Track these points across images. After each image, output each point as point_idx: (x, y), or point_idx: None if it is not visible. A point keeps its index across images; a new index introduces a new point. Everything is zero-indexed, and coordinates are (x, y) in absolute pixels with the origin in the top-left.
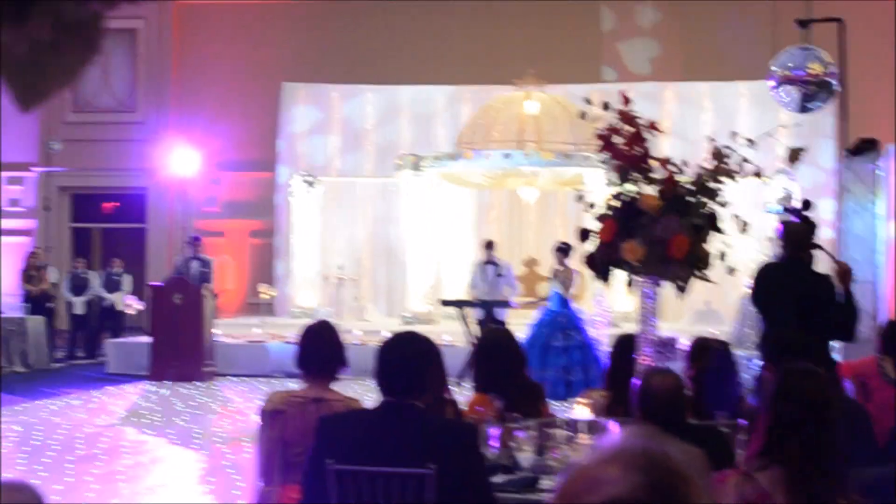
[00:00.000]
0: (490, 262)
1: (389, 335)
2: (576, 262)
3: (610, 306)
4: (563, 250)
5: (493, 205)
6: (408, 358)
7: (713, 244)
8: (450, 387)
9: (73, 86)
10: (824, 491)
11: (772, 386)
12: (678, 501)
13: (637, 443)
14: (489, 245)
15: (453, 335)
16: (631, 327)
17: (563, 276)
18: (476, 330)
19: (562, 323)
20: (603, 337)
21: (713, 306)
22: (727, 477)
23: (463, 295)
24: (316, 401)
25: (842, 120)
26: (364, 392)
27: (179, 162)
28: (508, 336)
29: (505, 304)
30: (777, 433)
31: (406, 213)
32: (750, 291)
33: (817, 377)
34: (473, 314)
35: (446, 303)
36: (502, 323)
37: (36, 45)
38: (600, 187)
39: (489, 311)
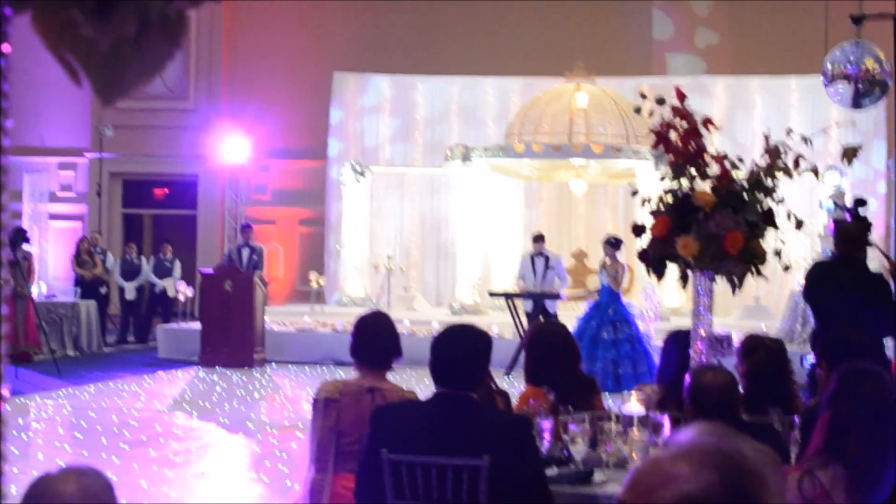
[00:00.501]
0: (539, 254)
1: (440, 326)
2: (626, 256)
3: (659, 300)
4: (613, 244)
5: (542, 197)
6: (463, 350)
7: (767, 241)
8: (496, 379)
9: (151, 80)
10: (884, 490)
11: (833, 383)
12: (751, 500)
13: (711, 440)
14: (539, 238)
15: (501, 327)
16: (680, 322)
17: (612, 270)
18: (525, 322)
19: (611, 316)
20: (652, 331)
21: (762, 302)
22: (787, 473)
23: (510, 287)
24: (370, 390)
25: (894, 117)
26: (412, 381)
27: (230, 149)
28: (563, 329)
29: (555, 296)
30: (838, 431)
31: (455, 204)
32: (801, 288)
33: (880, 375)
34: (522, 306)
35: (494, 294)
36: (554, 315)
37: (120, 41)
38: (651, 181)
39: (538, 303)
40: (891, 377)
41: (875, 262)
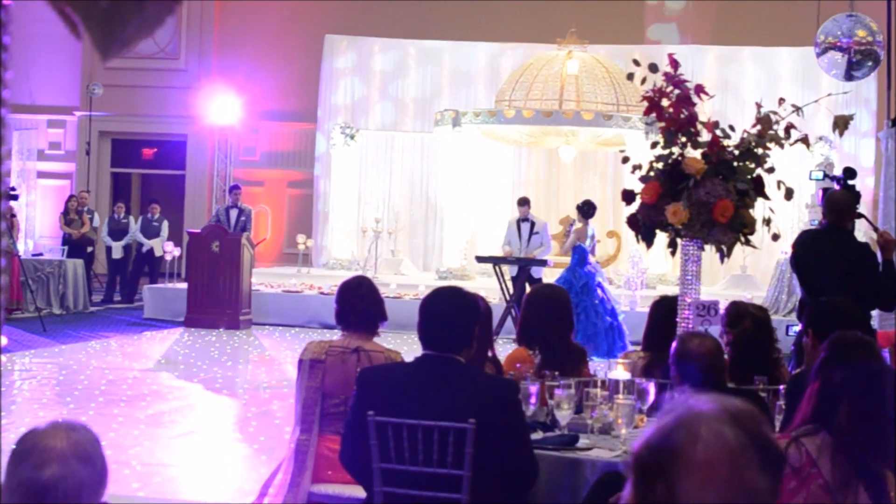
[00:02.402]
0: (525, 220)
1: (426, 290)
2: (615, 223)
3: (646, 268)
4: (581, 209)
5: (532, 163)
6: (451, 313)
7: (757, 209)
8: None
9: (150, 36)
10: (870, 459)
11: (823, 352)
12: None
13: (722, 402)
14: (523, 202)
15: (488, 292)
16: (667, 289)
17: (579, 234)
18: (510, 287)
19: (575, 285)
20: (638, 298)
21: (749, 271)
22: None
23: (498, 252)
24: (356, 351)
25: (886, 89)
26: (399, 345)
27: (220, 110)
28: (564, 295)
29: (541, 262)
30: (826, 399)
31: (444, 169)
32: (788, 257)
33: (869, 345)
34: (508, 271)
35: (481, 259)
36: (538, 280)
37: None
38: (640, 148)
39: (524, 268)
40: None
41: (862, 233)
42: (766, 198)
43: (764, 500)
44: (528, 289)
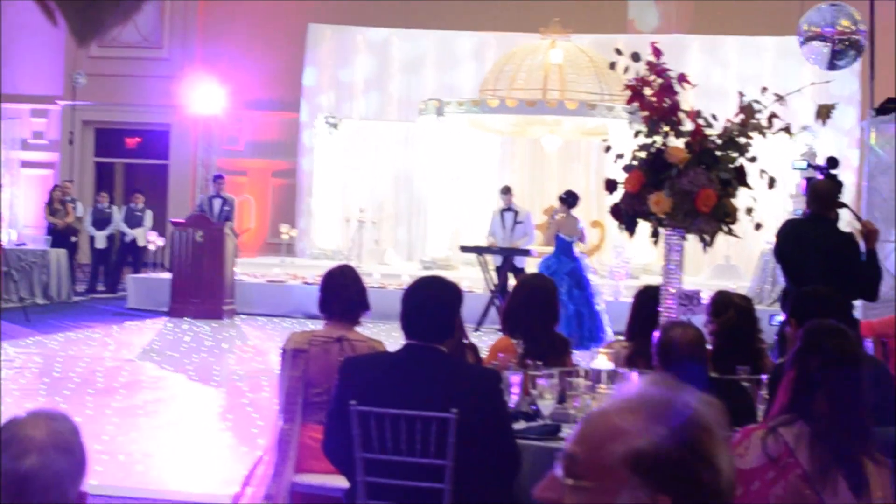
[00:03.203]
0: (508, 209)
1: (410, 279)
2: (598, 212)
3: (629, 257)
4: (564, 200)
5: (516, 153)
6: (434, 302)
7: (740, 199)
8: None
9: (128, 23)
10: (848, 448)
11: (799, 341)
12: (701, 454)
13: (660, 392)
14: (507, 190)
15: (472, 282)
16: (650, 279)
17: (559, 225)
18: (494, 277)
19: (559, 271)
20: (622, 287)
21: (733, 261)
22: (751, 431)
23: (482, 242)
24: (339, 341)
25: (869, 79)
26: (382, 335)
27: (203, 100)
28: (551, 286)
29: (525, 252)
30: (803, 389)
31: (428, 159)
32: (771, 247)
33: (845, 334)
34: (492, 261)
35: (465, 249)
36: (521, 270)
37: None
38: (624, 138)
39: (508, 258)
40: (857, 336)
41: (846, 223)
42: (749, 187)
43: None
44: (511, 278)
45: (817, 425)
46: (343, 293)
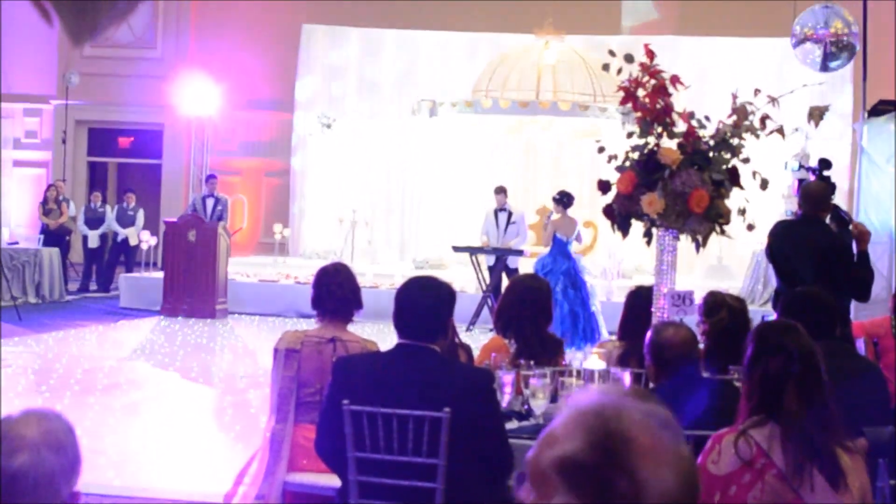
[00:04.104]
0: (502, 209)
1: (403, 279)
2: (591, 213)
3: (622, 258)
4: (559, 200)
5: (509, 153)
6: (427, 302)
7: (732, 200)
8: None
9: (122, 23)
10: (821, 441)
11: (751, 344)
12: (616, 462)
13: (597, 399)
14: (501, 190)
15: (464, 281)
16: (642, 279)
17: (556, 226)
18: (487, 277)
19: (565, 275)
20: (614, 288)
21: (725, 262)
22: (721, 437)
23: (475, 242)
24: (332, 341)
25: (861, 80)
26: (375, 334)
27: (196, 100)
28: (545, 286)
29: (517, 252)
30: (771, 389)
31: (421, 159)
32: (764, 248)
33: (798, 329)
34: (485, 261)
35: (458, 249)
36: (515, 270)
37: None
38: (617, 139)
39: (501, 258)
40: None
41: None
42: (741, 188)
43: (693, 464)
44: (504, 278)
45: (789, 423)
46: (336, 291)
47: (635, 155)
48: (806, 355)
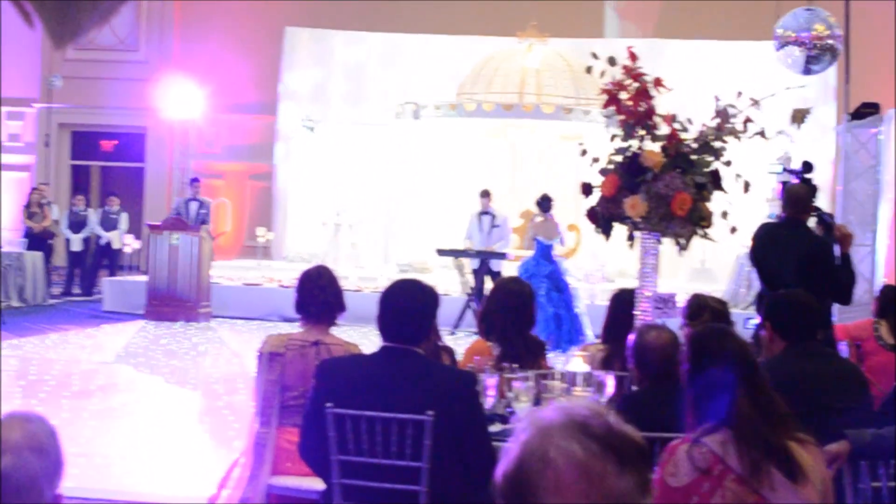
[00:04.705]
0: (486, 213)
1: (388, 282)
2: (575, 216)
3: (605, 261)
4: (539, 204)
5: (492, 156)
6: (410, 305)
7: (715, 203)
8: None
9: (104, 25)
10: (775, 438)
11: (690, 352)
12: (527, 483)
13: (534, 420)
14: (485, 194)
15: (448, 285)
16: (626, 282)
17: (537, 228)
18: (471, 280)
19: (547, 277)
20: (597, 291)
21: (708, 265)
22: (675, 448)
23: (459, 245)
24: (315, 344)
25: (844, 83)
26: (358, 338)
27: (180, 102)
28: (528, 290)
29: (501, 255)
30: (721, 395)
31: (404, 162)
32: (747, 251)
33: (731, 333)
34: (469, 264)
35: (442, 252)
36: (498, 274)
37: None
38: (600, 142)
39: (485, 261)
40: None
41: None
42: (724, 191)
43: (634, 498)
44: (487, 281)
45: (743, 426)
46: (320, 294)
47: (618, 158)
48: (745, 357)
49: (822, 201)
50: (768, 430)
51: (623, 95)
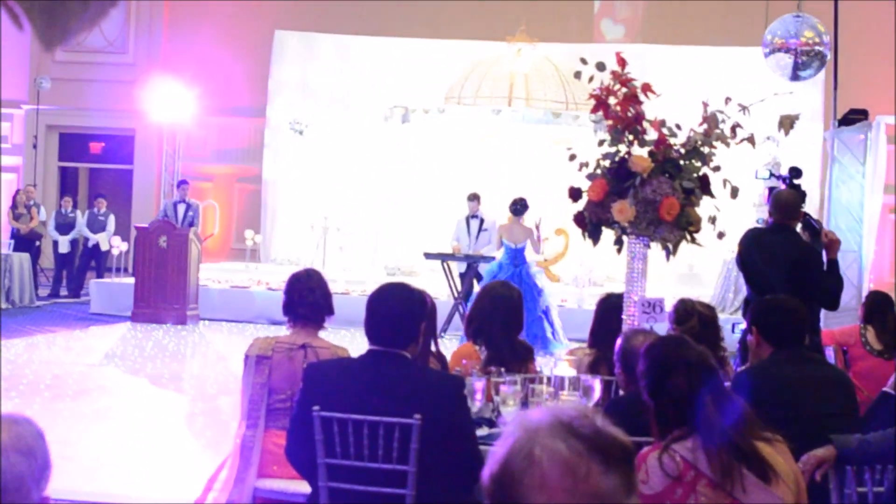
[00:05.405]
0: (474, 216)
1: (375, 285)
2: (562, 220)
3: (593, 266)
4: (511, 207)
5: (481, 160)
6: (397, 308)
7: (703, 208)
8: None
9: (93, 27)
10: (742, 440)
11: (650, 364)
12: (512, 482)
13: (559, 411)
14: (473, 197)
15: (436, 288)
16: (614, 287)
17: (502, 231)
18: (458, 284)
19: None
20: (585, 295)
21: (696, 270)
22: (645, 455)
23: (447, 248)
24: (303, 347)
25: (832, 89)
26: (346, 341)
27: (168, 105)
28: (516, 293)
29: (488, 258)
30: (689, 403)
31: (393, 165)
32: (734, 256)
33: (686, 341)
34: (456, 267)
35: (429, 255)
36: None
37: None
38: (589, 146)
39: (472, 265)
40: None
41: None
42: (712, 196)
43: (620, 498)
44: (475, 285)
45: (712, 431)
46: (308, 297)
47: (606, 163)
48: (705, 363)
49: (809, 207)
50: (735, 433)
51: (612, 100)
